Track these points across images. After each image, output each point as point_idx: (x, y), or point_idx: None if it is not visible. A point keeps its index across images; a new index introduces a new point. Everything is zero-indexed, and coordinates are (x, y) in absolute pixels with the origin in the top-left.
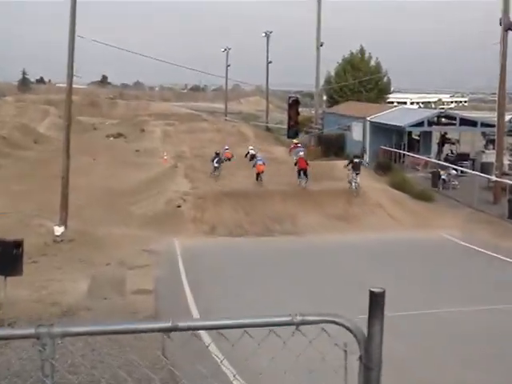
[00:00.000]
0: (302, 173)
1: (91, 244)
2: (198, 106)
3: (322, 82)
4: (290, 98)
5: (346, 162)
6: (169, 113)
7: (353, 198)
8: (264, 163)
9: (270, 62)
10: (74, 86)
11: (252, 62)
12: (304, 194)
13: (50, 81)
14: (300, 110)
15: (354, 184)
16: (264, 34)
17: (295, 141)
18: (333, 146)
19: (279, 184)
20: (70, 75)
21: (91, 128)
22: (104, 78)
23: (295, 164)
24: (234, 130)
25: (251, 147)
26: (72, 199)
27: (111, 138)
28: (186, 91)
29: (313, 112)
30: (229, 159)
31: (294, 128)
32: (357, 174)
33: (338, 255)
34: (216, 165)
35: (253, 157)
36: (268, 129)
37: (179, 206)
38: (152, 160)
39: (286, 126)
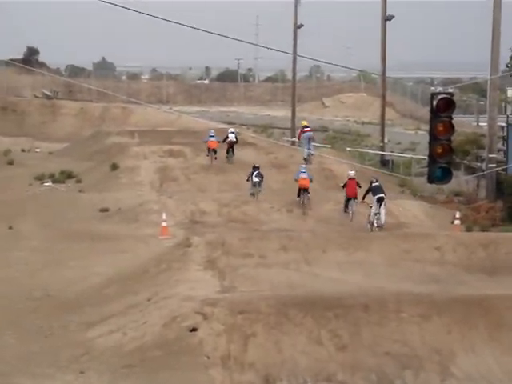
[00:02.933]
0: (350, 202)
1: None
2: (233, 113)
3: (505, 59)
4: (433, 95)
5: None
6: (172, 128)
7: None
8: (310, 177)
9: (389, 19)
10: None
11: (347, 23)
12: (464, 306)
13: None
14: (455, 119)
15: (376, 221)
16: None
17: (304, 122)
18: None
19: (409, 279)
20: None
21: (3, 161)
22: (32, 52)
23: (343, 186)
24: (311, 165)
25: (232, 129)
26: None
27: (48, 183)
28: (207, 82)
29: (483, 125)
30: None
31: (443, 160)
32: (381, 200)
33: None
34: (256, 179)
35: (232, 145)
36: (384, 162)
37: (194, 330)
38: (135, 230)
39: (424, 157)
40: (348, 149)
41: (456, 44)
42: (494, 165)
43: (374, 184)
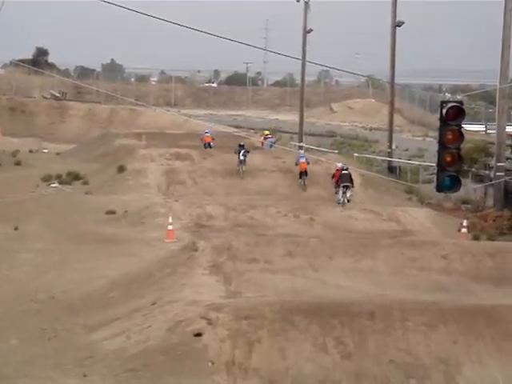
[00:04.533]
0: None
1: None
2: (241, 117)
3: None
4: (443, 103)
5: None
6: (179, 131)
7: None
8: (307, 161)
9: (399, 25)
10: None
11: (356, 28)
12: (471, 315)
13: None
14: (466, 128)
15: (342, 199)
16: None
17: (266, 132)
18: None
19: (414, 287)
20: None
21: (11, 162)
22: (41, 53)
23: (332, 177)
24: (318, 170)
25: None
26: None
27: (55, 185)
28: (215, 85)
29: (491, 133)
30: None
31: (452, 168)
32: (346, 187)
33: None
34: (242, 158)
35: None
36: (392, 169)
37: (198, 335)
38: (141, 233)
39: (432, 164)
40: (355, 154)
41: (465, 51)
42: (503, 173)
43: (343, 171)
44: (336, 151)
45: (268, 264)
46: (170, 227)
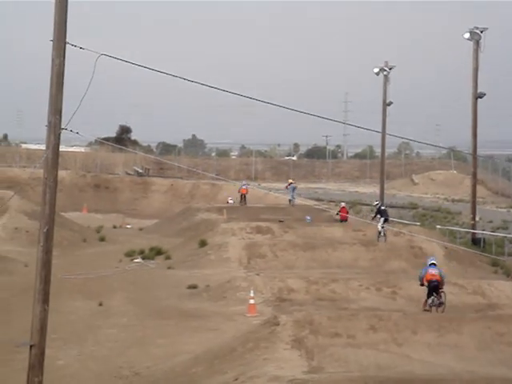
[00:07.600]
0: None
1: None
2: (321, 189)
3: None
4: None
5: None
6: (259, 205)
7: None
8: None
9: (480, 97)
10: (62, 149)
11: (436, 97)
12: None
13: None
14: None
15: (382, 234)
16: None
17: (290, 180)
18: None
19: (502, 363)
20: (55, 127)
21: (95, 237)
22: (124, 130)
23: (337, 213)
24: (400, 242)
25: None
26: None
27: (138, 260)
28: (295, 159)
29: None
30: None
31: None
32: (386, 220)
33: None
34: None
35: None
36: (476, 241)
37: None
38: (223, 307)
39: None
40: (438, 227)
41: None
42: None
43: (382, 208)
44: (418, 223)
45: (351, 338)
46: (252, 301)
